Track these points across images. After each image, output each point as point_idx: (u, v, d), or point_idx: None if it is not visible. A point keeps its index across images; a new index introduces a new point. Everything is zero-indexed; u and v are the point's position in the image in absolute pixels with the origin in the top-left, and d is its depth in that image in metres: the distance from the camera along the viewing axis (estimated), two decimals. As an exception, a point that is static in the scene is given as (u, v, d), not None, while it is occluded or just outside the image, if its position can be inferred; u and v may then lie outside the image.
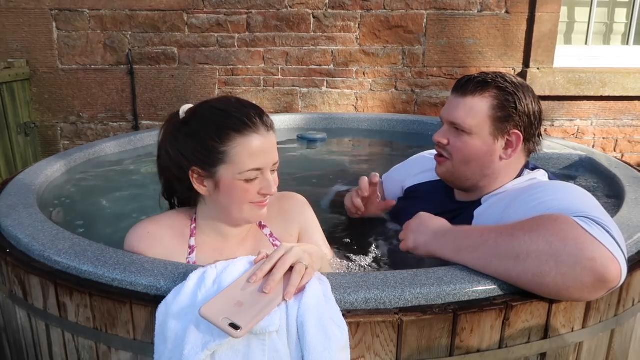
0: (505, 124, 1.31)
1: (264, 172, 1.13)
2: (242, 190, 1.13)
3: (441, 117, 1.39)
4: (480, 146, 1.31)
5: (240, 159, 1.10)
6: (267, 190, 1.14)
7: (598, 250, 0.94)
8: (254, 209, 1.17)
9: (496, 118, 1.30)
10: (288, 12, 3.37)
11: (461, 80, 1.36)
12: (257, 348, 0.91)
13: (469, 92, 1.31)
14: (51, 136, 3.49)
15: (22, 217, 1.35)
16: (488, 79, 1.32)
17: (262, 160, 1.12)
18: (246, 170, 1.11)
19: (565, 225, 0.98)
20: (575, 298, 1.01)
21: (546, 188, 1.19)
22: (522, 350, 1.05)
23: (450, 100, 1.36)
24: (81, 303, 1.07)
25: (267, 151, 1.13)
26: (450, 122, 1.34)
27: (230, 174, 1.12)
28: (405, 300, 0.99)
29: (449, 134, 1.35)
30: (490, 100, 1.30)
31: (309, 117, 2.93)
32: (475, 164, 1.33)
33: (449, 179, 1.40)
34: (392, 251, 1.46)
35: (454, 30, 3.43)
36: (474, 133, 1.31)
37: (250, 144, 1.10)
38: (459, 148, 1.33)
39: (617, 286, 0.98)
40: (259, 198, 1.15)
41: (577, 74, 3.46)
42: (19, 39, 3.30)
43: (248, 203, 1.15)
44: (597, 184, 1.85)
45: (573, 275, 0.95)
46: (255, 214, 1.18)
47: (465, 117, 1.31)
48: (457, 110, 1.32)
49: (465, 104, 1.31)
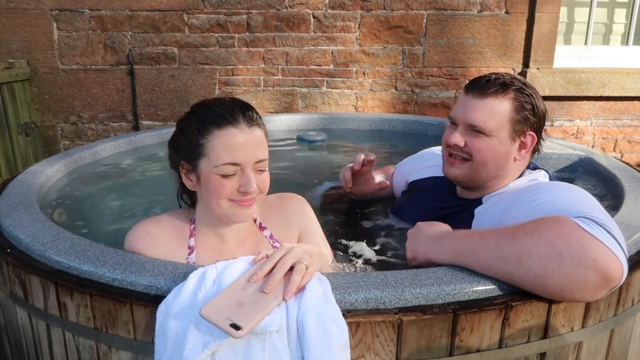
0: (522, 126, 1.31)
1: (243, 169, 1.11)
2: (218, 184, 1.10)
3: (454, 117, 1.36)
4: (498, 148, 1.30)
5: (217, 153, 1.09)
6: (245, 187, 1.10)
7: (600, 251, 0.94)
8: (234, 207, 1.13)
9: (515, 120, 1.30)
10: (288, 12, 3.37)
11: (478, 80, 1.34)
12: (257, 348, 0.91)
13: (489, 94, 1.29)
14: (51, 136, 3.49)
15: (22, 217, 1.35)
16: (507, 80, 1.31)
17: (240, 155, 1.09)
18: (221, 164, 1.09)
19: (566, 226, 0.98)
20: (578, 298, 1.01)
21: (545, 189, 1.19)
22: (521, 350, 1.05)
23: (466, 101, 1.33)
24: (81, 303, 1.07)
25: (246, 147, 1.10)
26: (469, 124, 1.31)
27: (208, 167, 1.11)
28: (405, 300, 0.99)
29: (466, 135, 1.32)
30: (511, 103, 1.29)
31: (309, 117, 2.92)
32: (492, 165, 1.32)
33: (463, 180, 1.37)
34: (392, 251, 1.47)
35: (454, 31, 3.43)
36: (493, 135, 1.29)
37: (226, 138, 1.09)
38: (478, 149, 1.30)
39: (618, 285, 0.98)
40: (238, 196, 1.12)
41: (577, 74, 3.46)
42: (20, 39, 3.31)
43: (226, 200, 1.12)
44: (597, 184, 1.86)
45: (576, 276, 0.95)
46: (236, 212, 1.14)
47: (486, 119, 1.29)
48: (477, 112, 1.30)
49: (485, 105, 1.29)
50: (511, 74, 1.36)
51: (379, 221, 1.63)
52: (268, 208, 1.31)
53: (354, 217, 1.66)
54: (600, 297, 1.01)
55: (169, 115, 3.51)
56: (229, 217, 1.16)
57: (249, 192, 1.11)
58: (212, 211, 1.16)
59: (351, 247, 1.48)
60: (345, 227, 1.62)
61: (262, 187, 1.15)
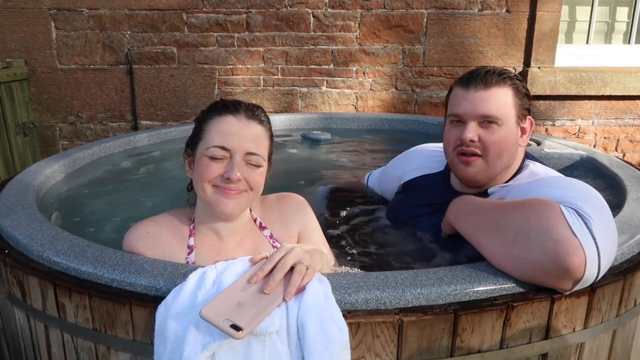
0: (524, 111, 1.35)
1: (232, 156, 1.13)
2: (204, 165, 1.13)
3: (462, 114, 1.33)
4: (510, 136, 1.33)
5: (210, 135, 1.15)
6: (229, 174, 1.11)
7: (566, 236, 0.98)
8: (217, 194, 1.14)
9: (519, 106, 1.34)
10: (288, 11, 3.37)
11: (474, 74, 1.34)
12: (257, 349, 0.90)
13: (494, 84, 1.32)
14: (50, 136, 3.48)
15: (20, 217, 1.34)
16: (501, 70, 1.35)
17: (231, 141, 1.12)
18: (212, 145, 1.13)
19: (547, 207, 1.03)
20: (539, 279, 1.03)
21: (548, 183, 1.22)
22: (523, 350, 1.04)
23: (471, 95, 1.32)
24: (80, 304, 1.06)
25: (239, 135, 1.13)
26: (482, 115, 1.31)
27: (201, 150, 1.16)
28: (405, 300, 0.99)
29: (477, 129, 1.32)
30: (512, 89, 1.33)
31: (309, 117, 2.92)
32: (506, 155, 1.33)
33: (481, 178, 1.35)
34: (392, 251, 1.46)
35: (455, 30, 3.42)
36: (504, 124, 1.31)
37: (221, 123, 1.15)
38: (494, 141, 1.31)
39: (582, 279, 0.99)
40: (221, 182, 1.13)
41: (579, 73, 3.45)
42: (18, 39, 3.30)
43: (209, 184, 1.14)
44: (599, 183, 1.85)
45: (537, 252, 0.99)
46: (218, 200, 1.14)
47: (498, 107, 1.31)
48: (486, 102, 1.31)
49: (492, 95, 1.31)
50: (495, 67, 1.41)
51: (378, 222, 1.62)
52: (268, 208, 1.30)
53: (353, 218, 1.65)
54: (565, 287, 1.02)
55: (168, 115, 3.50)
56: (212, 205, 1.16)
57: (232, 178, 1.11)
58: (199, 196, 1.19)
59: (351, 247, 1.47)
60: (345, 228, 1.62)
61: (252, 182, 1.15)
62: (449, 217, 1.30)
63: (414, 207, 1.51)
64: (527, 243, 1.01)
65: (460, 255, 1.30)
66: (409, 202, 1.56)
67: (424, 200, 1.49)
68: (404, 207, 1.57)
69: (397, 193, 1.65)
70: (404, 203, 1.59)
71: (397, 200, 1.64)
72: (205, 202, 1.18)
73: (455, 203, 1.30)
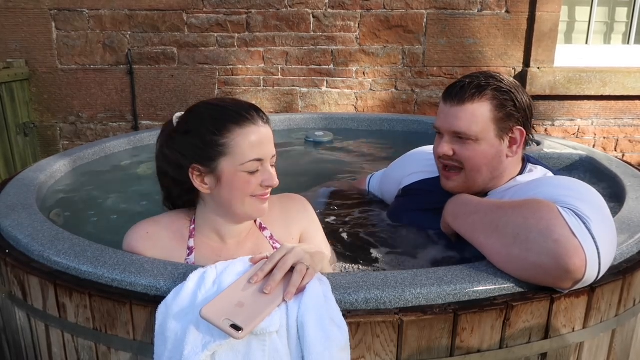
0: (507, 123, 1.30)
1: (264, 163, 1.14)
2: (245, 181, 1.13)
3: (438, 127, 1.35)
4: (489, 150, 1.30)
5: (241, 150, 1.12)
6: (269, 182, 1.14)
7: (566, 236, 0.98)
8: (256, 203, 1.16)
9: (499, 119, 1.29)
10: (288, 11, 3.37)
11: (453, 87, 1.32)
12: (257, 348, 0.90)
13: (467, 99, 1.28)
14: (50, 136, 3.49)
15: (21, 217, 1.34)
16: (482, 82, 1.30)
17: (262, 151, 1.13)
18: (247, 160, 1.12)
19: (546, 208, 1.03)
20: (540, 280, 1.03)
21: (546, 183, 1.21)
22: (522, 350, 1.04)
23: (447, 110, 1.32)
24: (81, 303, 1.06)
25: (265, 142, 1.14)
26: (453, 131, 1.30)
27: (232, 165, 1.12)
28: (405, 300, 0.99)
29: (453, 143, 1.32)
30: (490, 103, 1.28)
31: (309, 117, 2.92)
32: (486, 168, 1.31)
33: (461, 191, 1.35)
34: (393, 251, 1.46)
35: (454, 30, 3.43)
36: (481, 139, 1.29)
37: (249, 135, 1.12)
38: (468, 157, 1.30)
39: (583, 279, 0.99)
40: (261, 190, 1.15)
41: (578, 73, 3.45)
42: (18, 39, 3.30)
43: (250, 196, 1.15)
44: (598, 183, 1.85)
45: (537, 252, 0.99)
46: (256, 208, 1.17)
47: (470, 124, 1.28)
48: (459, 119, 1.29)
49: (466, 111, 1.28)
50: (487, 73, 1.34)
51: (379, 223, 1.62)
52: (270, 208, 1.30)
53: (354, 219, 1.66)
54: (565, 287, 1.02)
55: (168, 115, 3.50)
56: (250, 213, 1.18)
57: (273, 185, 1.16)
58: (233, 209, 1.16)
59: (352, 247, 1.47)
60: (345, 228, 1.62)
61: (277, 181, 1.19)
62: (447, 217, 1.29)
63: (414, 211, 1.51)
64: (527, 243, 1.01)
65: (460, 255, 1.30)
66: (409, 206, 1.56)
67: (424, 204, 1.49)
68: (405, 211, 1.57)
69: (397, 197, 1.66)
70: (404, 207, 1.59)
71: (397, 204, 1.64)
72: (241, 213, 1.17)
73: (452, 202, 1.30)
